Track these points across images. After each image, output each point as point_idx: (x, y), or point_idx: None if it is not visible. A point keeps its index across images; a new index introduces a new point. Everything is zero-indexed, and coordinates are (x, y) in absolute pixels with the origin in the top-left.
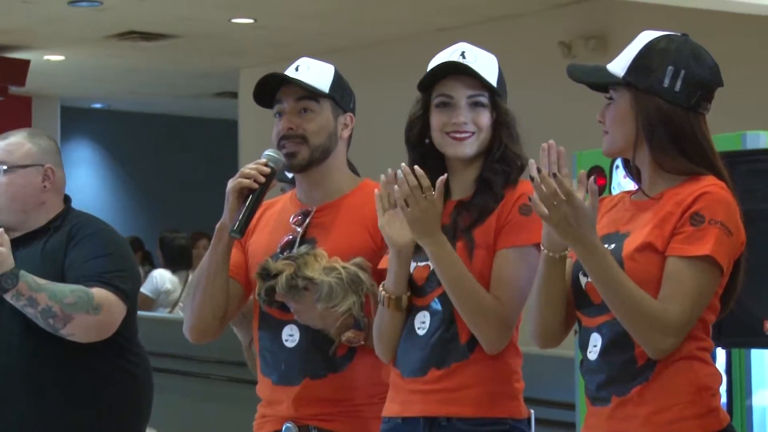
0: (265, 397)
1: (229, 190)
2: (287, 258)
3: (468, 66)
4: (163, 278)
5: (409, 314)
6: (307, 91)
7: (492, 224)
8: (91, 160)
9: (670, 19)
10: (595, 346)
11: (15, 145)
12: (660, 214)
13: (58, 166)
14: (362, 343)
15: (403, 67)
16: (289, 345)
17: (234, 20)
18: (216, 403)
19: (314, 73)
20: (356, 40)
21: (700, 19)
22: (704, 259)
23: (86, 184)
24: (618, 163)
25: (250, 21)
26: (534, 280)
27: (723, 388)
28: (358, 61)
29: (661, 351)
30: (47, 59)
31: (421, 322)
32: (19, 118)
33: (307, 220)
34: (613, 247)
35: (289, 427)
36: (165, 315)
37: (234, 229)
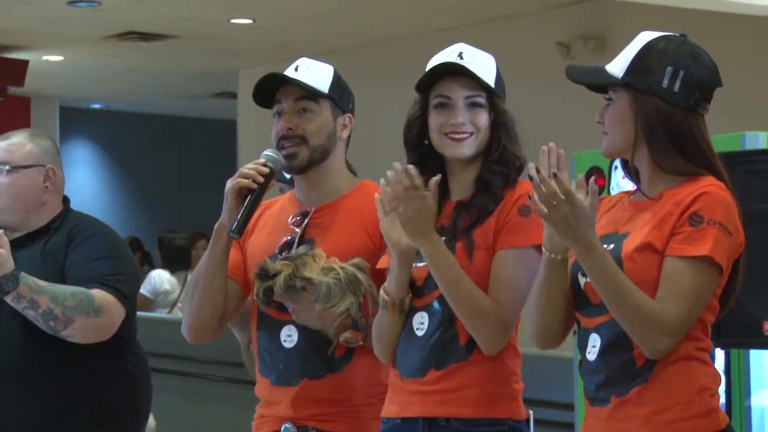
0: (264, 398)
1: (227, 190)
2: (285, 258)
3: (465, 67)
4: (162, 279)
5: (408, 315)
6: (307, 92)
7: (491, 225)
8: (90, 160)
9: (669, 20)
10: (594, 347)
11: (17, 146)
12: (659, 215)
13: (58, 166)
14: (360, 344)
15: (402, 68)
16: (288, 345)
17: (233, 21)
18: (214, 403)
19: (314, 74)
20: (356, 41)
21: (699, 19)
22: (703, 259)
23: (85, 185)
24: (617, 163)
25: (249, 21)
26: (533, 280)
27: (722, 389)
28: (357, 62)
29: (659, 351)
30: (46, 59)
31: (420, 323)
32: (17, 118)
33: (306, 221)
34: (612, 247)
35: (288, 428)
36: (164, 315)
37: (232, 229)
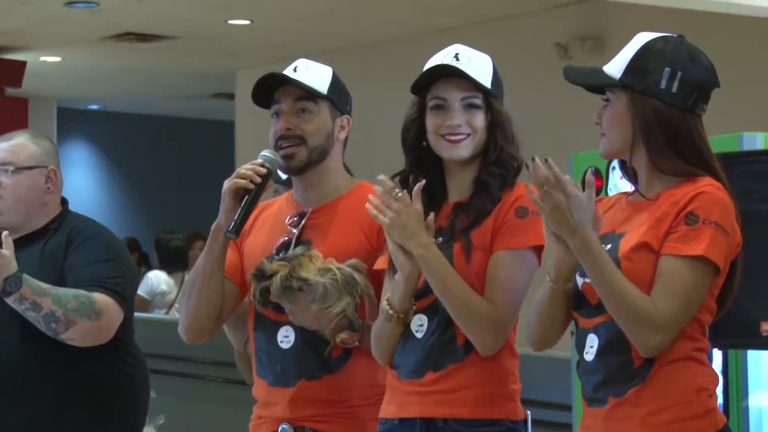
0: (261, 399)
1: (225, 191)
2: (282, 259)
3: (459, 69)
4: (159, 279)
5: None
6: (306, 92)
7: (489, 226)
8: (88, 161)
9: (667, 21)
10: (591, 347)
11: (20, 147)
12: (656, 215)
13: (57, 167)
14: (357, 344)
15: (401, 68)
16: (285, 346)
17: (231, 21)
18: (212, 404)
19: (312, 74)
20: (354, 41)
21: (697, 20)
22: (698, 259)
23: (83, 186)
24: (615, 164)
25: (247, 22)
26: (529, 282)
27: (719, 389)
28: (355, 62)
29: (651, 348)
30: (44, 60)
31: (419, 325)
32: (15, 119)
33: (303, 222)
34: (609, 247)
35: (285, 429)
36: (161, 316)
37: (229, 229)
